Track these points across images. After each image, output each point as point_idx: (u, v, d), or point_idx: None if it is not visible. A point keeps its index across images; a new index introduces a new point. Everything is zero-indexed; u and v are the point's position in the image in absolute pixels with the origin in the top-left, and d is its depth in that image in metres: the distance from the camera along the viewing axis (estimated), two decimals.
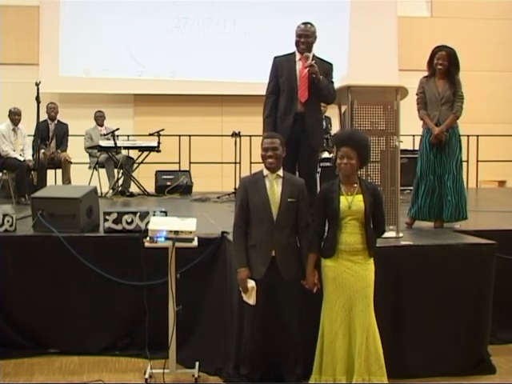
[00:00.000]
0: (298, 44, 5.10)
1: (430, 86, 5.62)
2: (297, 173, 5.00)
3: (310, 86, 5.00)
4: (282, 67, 5.12)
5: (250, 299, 3.97)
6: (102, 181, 8.71)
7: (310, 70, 4.95)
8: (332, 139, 4.29)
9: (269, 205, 4.02)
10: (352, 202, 3.95)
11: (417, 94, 5.69)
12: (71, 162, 8.70)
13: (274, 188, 4.07)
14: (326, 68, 5.12)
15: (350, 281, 3.96)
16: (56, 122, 8.89)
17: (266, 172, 4.11)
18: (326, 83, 5.04)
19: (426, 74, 5.73)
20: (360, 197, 3.97)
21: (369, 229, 3.99)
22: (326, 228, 4.07)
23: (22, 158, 8.00)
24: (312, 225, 4.07)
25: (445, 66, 5.56)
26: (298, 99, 5.02)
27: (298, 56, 5.12)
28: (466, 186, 10.22)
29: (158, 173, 9.42)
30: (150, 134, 9.12)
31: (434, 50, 5.64)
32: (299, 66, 5.08)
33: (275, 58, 5.21)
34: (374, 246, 4.03)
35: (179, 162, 10.21)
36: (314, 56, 5.08)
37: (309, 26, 5.11)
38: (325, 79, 5.02)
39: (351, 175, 3.99)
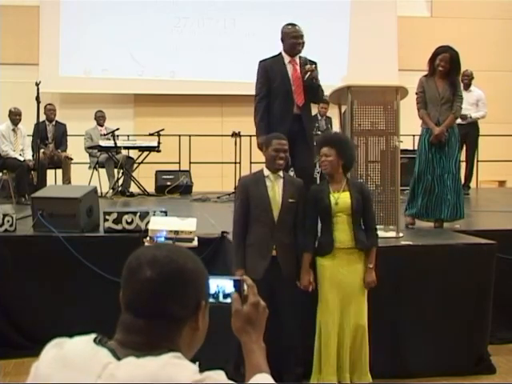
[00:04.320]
0: (294, 46, 4.98)
1: (430, 86, 5.60)
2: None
3: (305, 88, 4.96)
4: (272, 71, 5.00)
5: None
6: (102, 181, 8.70)
7: (312, 75, 4.90)
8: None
9: (270, 205, 4.02)
10: (338, 198, 4.01)
11: (416, 93, 5.67)
12: (72, 159, 8.70)
13: (275, 188, 4.06)
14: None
15: (346, 280, 3.98)
16: (54, 123, 8.87)
17: (266, 172, 4.10)
18: (319, 84, 5.02)
19: (425, 73, 5.72)
20: (346, 194, 4.03)
21: (356, 225, 4.02)
22: (319, 228, 4.12)
23: (21, 158, 7.99)
24: (306, 225, 4.09)
25: (446, 68, 5.53)
26: (294, 102, 4.94)
27: (286, 59, 5.01)
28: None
29: (158, 173, 9.40)
30: (150, 134, 9.11)
31: (437, 51, 5.59)
32: (290, 69, 5.00)
33: (261, 61, 5.08)
34: (364, 240, 4.01)
35: (179, 162, 10.20)
36: (300, 57, 5.01)
37: (297, 27, 5.05)
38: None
39: (334, 173, 4.04)
